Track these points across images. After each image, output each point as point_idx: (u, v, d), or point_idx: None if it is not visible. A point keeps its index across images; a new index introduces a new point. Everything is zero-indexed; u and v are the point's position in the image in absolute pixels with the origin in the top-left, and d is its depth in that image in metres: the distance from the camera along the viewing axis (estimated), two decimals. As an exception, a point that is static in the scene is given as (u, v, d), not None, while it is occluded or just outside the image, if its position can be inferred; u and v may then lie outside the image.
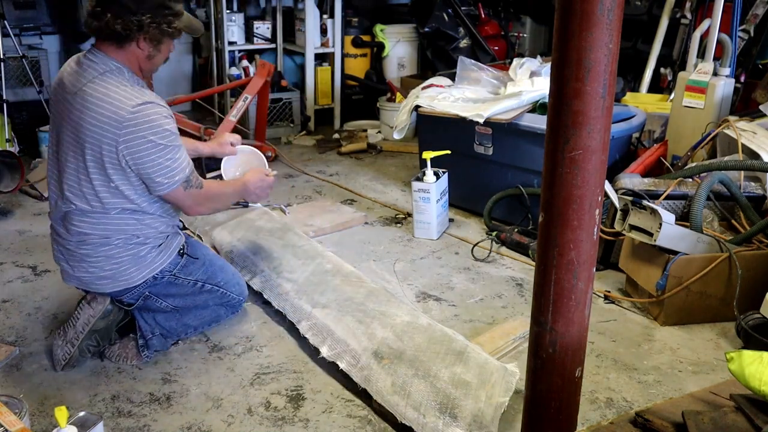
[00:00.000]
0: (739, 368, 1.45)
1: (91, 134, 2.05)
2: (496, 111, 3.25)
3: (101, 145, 2.05)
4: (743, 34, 3.83)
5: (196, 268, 2.37)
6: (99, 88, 2.06)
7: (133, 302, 2.29)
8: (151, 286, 2.27)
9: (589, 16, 1.32)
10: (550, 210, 1.48)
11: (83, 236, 2.18)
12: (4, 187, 3.60)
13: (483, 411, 1.93)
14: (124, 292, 2.26)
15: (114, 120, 2.02)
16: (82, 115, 2.05)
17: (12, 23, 4.44)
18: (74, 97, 2.08)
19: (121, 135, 2.03)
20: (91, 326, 2.26)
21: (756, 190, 2.88)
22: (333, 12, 5.24)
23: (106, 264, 2.19)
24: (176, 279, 2.31)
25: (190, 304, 2.39)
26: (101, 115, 2.03)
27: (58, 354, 2.25)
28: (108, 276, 2.21)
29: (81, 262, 2.21)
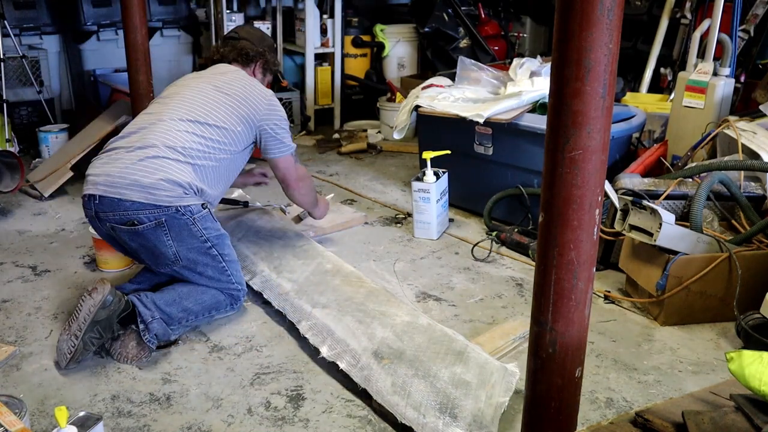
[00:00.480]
0: (739, 368, 1.45)
1: (248, 100, 2.63)
2: (496, 111, 3.25)
3: (251, 108, 2.63)
4: (743, 34, 3.83)
5: (212, 227, 2.47)
6: (251, 79, 2.76)
7: (145, 222, 2.35)
8: (170, 217, 2.36)
9: (589, 16, 1.33)
10: (550, 210, 1.49)
11: (163, 146, 2.42)
12: (4, 187, 3.60)
13: (483, 411, 1.93)
14: (145, 208, 2.34)
15: (262, 100, 2.67)
16: (242, 88, 2.65)
17: (12, 23, 4.44)
18: (233, 74, 2.72)
19: (264, 109, 2.66)
20: (92, 317, 2.23)
21: (756, 190, 2.88)
22: (333, 12, 5.24)
23: (150, 174, 2.36)
24: (193, 224, 2.41)
25: (191, 261, 2.44)
26: (257, 94, 2.67)
27: (63, 348, 2.24)
28: (142, 184, 2.35)
29: (129, 164, 2.38)
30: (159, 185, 2.35)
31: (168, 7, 5.12)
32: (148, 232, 2.36)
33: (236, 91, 2.63)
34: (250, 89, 2.66)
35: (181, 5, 5.19)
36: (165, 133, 2.46)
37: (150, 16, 4.85)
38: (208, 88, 2.63)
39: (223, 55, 2.83)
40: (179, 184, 2.39)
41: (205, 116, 2.53)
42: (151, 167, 2.38)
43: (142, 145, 2.43)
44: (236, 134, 2.58)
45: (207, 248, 2.46)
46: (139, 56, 3.60)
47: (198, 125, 2.51)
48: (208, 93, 2.60)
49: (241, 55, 2.82)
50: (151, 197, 2.34)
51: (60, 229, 3.45)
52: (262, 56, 2.86)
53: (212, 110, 2.56)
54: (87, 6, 4.82)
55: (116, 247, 2.61)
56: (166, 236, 2.38)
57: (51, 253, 3.17)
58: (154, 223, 2.35)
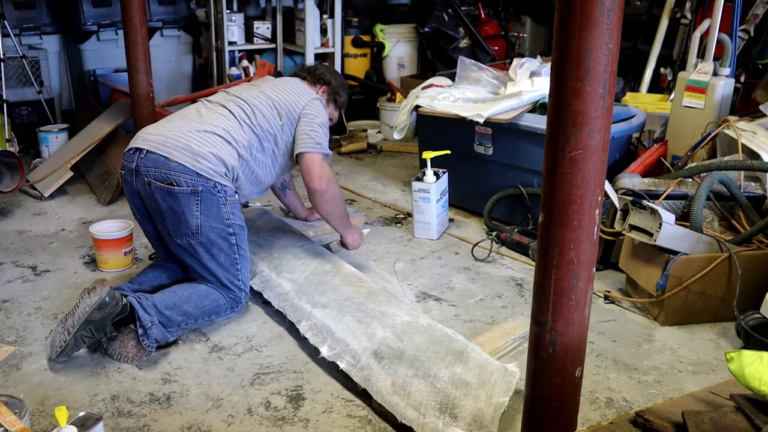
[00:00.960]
0: (739, 368, 1.45)
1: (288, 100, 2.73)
2: (496, 111, 3.25)
3: (292, 105, 2.72)
4: (743, 34, 3.83)
5: (238, 215, 2.54)
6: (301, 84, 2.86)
7: (183, 187, 2.41)
8: (206, 190, 2.43)
9: (589, 16, 1.33)
10: (550, 210, 1.49)
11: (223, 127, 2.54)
12: (4, 187, 3.60)
13: (483, 411, 1.93)
14: (185, 173, 2.41)
15: (304, 98, 2.76)
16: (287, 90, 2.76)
17: (12, 23, 4.44)
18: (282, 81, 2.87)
19: (304, 105, 2.73)
20: (87, 316, 2.24)
21: (756, 190, 2.88)
22: (333, 12, 5.24)
23: (201, 145, 2.46)
24: (224, 205, 2.48)
25: (208, 241, 2.47)
26: (298, 94, 2.77)
27: (56, 340, 2.27)
28: (192, 150, 2.44)
29: (185, 133, 2.49)
30: (208, 156, 2.45)
31: (168, 7, 5.12)
32: (182, 196, 2.41)
33: (285, 89, 2.76)
34: (298, 89, 2.78)
35: (181, 5, 5.19)
36: (222, 120, 2.58)
37: (150, 16, 4.85)
38: (264, 91, 2.74)
39: (296, 74, 2.99)
40: (225, 163, 2.49)
41: (257, 117, 2.64)
42: (205, 140, 2.49)
43: (200, 121, 2.56)
44: (280, 129, 2.67)
45: (228, 233, 2.50)
46: (139, 56, 3.61)
47: (254, 118, 2.63)
48: (262, 96, 2.71)
49: (313, 73, 2.94)
50: (197, 165, 2.42)
51: (60, 229, 3.45)
52: (330, 84, 2.95)
53: (263, 110, 2.66)
54: (87, 6, 4.82)
55: (137, 211, 2.60)
56: (196, 206, 2.43)
57: (51, 253, 3.17)
58: (190, 190, 2.41)
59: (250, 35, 5.31)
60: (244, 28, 5.27)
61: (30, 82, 4.55)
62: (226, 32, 5.12)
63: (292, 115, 2.71)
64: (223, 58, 5.19)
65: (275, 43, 5.38)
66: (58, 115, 4.82)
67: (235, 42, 5.21)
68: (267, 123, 2.65)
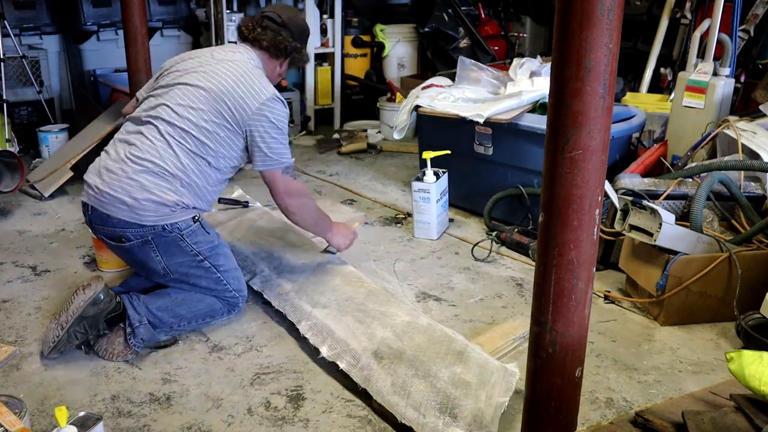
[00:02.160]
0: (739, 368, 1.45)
1: (233, 97, 2.39)
2: (496, 111, 3.25)
3: (238, 107, 2.39)
4: (743, 34, 3.83)
5: (203, 240, 2.42)
6: (254, 72, 2.47)
7: (132, 240, 2.33)
8: (156, 235, 2.33)
9: (589, 16, 1.33)
10: (550, 210, 1.49)
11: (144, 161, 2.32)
12: (4, 187, 3.60)
13: (483, 411, 1.93)
14: (130, 227, 2.32)
15: (256, 98, 2.40)
16: (232, 82, 2.41)
17: (12, 23, 4.44)
18: (229, 64, 2.46)
19: (255, 110, 2.40)
20: (81, 311, 2.25)
21: (756, 190, 2.88)
22: (333, 12, 5.24)
23: (133, 192, 2.30)
24: (182, 240, 2.37)
25: (182, 275, 2.41)
26: (249, 90, 2.41)
27: (49, 336, 2.28)
28: (126, 203, 2.30)
29: (115, 180, 2.32)
30: (144, 207, 2.30)
31: (168, 7, 5.12)
32: (135, 249, 2.36)
33: (229, 91, 2.39)
34: (246, 87, 2.40)
35: (181, 5, 5.19)
36: (154, 145, 2.35)
37: (150, 16, 4.84)
38: (199, 88, 2.40)
39: (255, 38, 2.55)
40: (164, 204, 2.32)
41: (191, 126, 2.37)
42: (137, 185, 2.31)
43: (132, 155, 2.35)
44: (221, 141, 2.40)
45: (199, 261, 2.42)
46: (139, 56, 3.61)
47: (187, 136, 2.37)
48: (197, 97, 2.39)
49: (277, 47, 2.56)
50: (137, 216, 2.31)
51: (60, 229, 3.45)
52: (296, 52, 2.61)
53: (201, 116, 2.38)
54: (87, 6, 4.82)
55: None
56: (153, 253, 2.36)
57: (51, 253, 3.17)
58: (140, 241, 2.34)
59: (250, 35, 5.30)
60: (244, 28, 5.26)
61: (30, 82, 4.55)
62: (226, 32, 5.12)
63: (241, 119, 2.39)
64: (223, 58, 5.18)
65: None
66: (58, 115, 4.82)
67: (235, 42, 5.20)
68: (206, 140, 2.38)
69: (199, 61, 2.50)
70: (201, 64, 2.48)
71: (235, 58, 2.50)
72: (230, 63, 2.46)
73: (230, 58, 2.49)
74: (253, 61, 2.52)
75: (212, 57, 2.50)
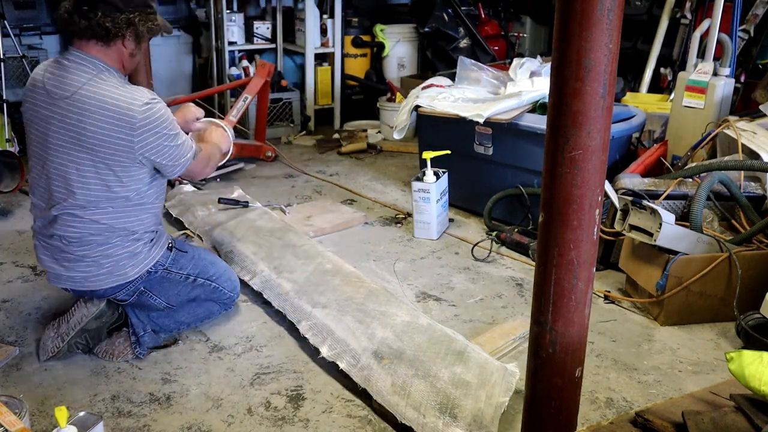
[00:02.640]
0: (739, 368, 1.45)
1: (99, 136, 2.08)
2: (496, 111, 3.25)
3: (111, 145, 2.08)
4: (743, 34, 3.83)
5: (186, 261, 2.39)
6: (99, 90, 2.08)
7: (127, 299, 2.31)
8: (146, 281, 2.29)
9: (589, 16, 1.32)
10: (550, 210, 1.48)
11: (82, 237, 2.18)
12: (4, 187, 3.60)
13: (483, 411, 1.93)
14: (119, 289, 2.27)
15: (126, 123, 2.07)
16: (83, 119, 2.07)
17: (12, 23, 4.44)
18: (68, 101, 2.09)
19: (136, 137, 2.09)
20: (83, 325, 2.29)
21: (756, 190, 2.88)
22: (333, 12, 5.24)
23: (104, 261, 2.21)
24: (169, 273, 2.34)
25: (183, 300, 2.40)
26: (110, 118, 2.07)
27: (48, 345, 2.28)
28: (104, 273, 2.22)
29: (77, 262, 2.22)
30: (122, 265, 2.21)
31: (168, 7, 5.12)
32: (134, 302, 2.34)
33: (92, 137, 2.07)
34: (107, 118, 2.05)
35: (181, 5, 5.19)
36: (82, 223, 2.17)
37: (150, 16, 4.84)
38: (60, 145, 2.10)
39: (75, 32, 2.11)
40: (134, 253, 2.23)
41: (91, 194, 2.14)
42: (98, 255, 2.19)
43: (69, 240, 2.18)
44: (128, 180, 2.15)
45: (192, 282, 2.41)
46: (139, 56, 3.60)
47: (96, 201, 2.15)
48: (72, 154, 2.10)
49: (99, 31, 2.08)
50: (120, 277, 2.23)
51: (60, 229, 3.44)
52: (129, 25, 2.13)
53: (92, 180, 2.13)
54: (87, 6, 4.82)
55: None
56: (151, 298, 2.33)
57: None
58: (136, 296, 2.31)
59: (250, 35, 5.31)
60: (244, 28, 5.27)
61: (30, 82, 4.55)
62: (226, 32, 5.12)
63: (131, 159, 2.11)
64: (223, 58, 5.19)
65: (275, 43, 5.38)
66: (58, 115, 4.82)
67: (235, 42, 5.21)
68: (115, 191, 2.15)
69: (43, 105, 2.14)
70: (47, 108, 2.13)
71: (69, 83, 2.09)
72: (74, 100, 2.08)
73: (66, 90, 2.09)
74: (90, 69, 2.10)
75: (48, 94, 2.12)
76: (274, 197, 3.86)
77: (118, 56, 2.18)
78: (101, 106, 2.06)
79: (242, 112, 4.24)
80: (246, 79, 4.67)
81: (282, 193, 3.96)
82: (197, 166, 2.34)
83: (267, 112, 4.58)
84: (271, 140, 4.74)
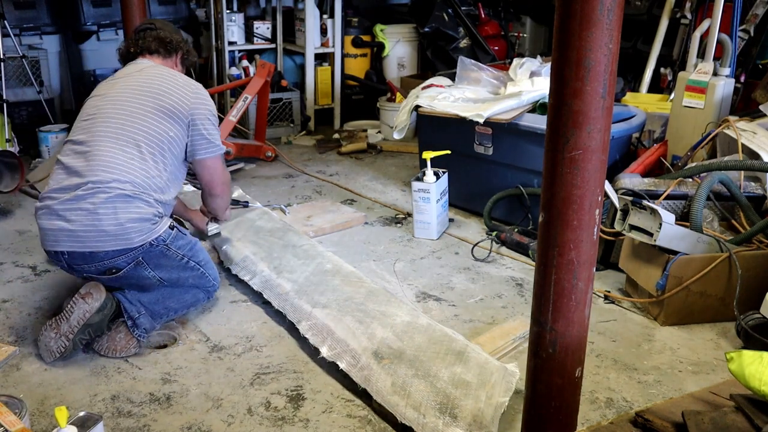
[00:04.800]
0: (739, 368, 1.45)
1: (167, 93, 2.44)
2: (496, 111, 3.25)
3: (175, 102, 2.43)
4: (743, 34, 3.83)
5: (184, 243, 2.45)
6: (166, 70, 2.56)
7: (123, 266, 2.31)
8: (146, 252, 2.32)
9: (589, 16, 1.33)
10: (550, 210, 1.49)
11: (109, 181, 2.27)
12: (4, 187, 3.60)
13: (483, 411, 1.93)
14: (120, 254, 2.28)
15: (189, 89, 2.50)
16: (159, 81, 2.47)
17: (12, 23, 4.44)
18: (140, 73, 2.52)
19: (191, 100, 2.47)
20: (86, 320, 2.28)
21: (756, 190, 2.88)
22: (333, 12, 5.24)
23: (114, 219, 2.25)
24: (168, 250, 2.38)
25: (174, 279, 2.44)
26: (178, 84, 2.49)
27: (53, 347, 2.27)
28: (111, 233, 2.25)
29: (88, 215, 2.24)
30: (129, 229, 2.26)
31: (168, 7, 5.12)
32: (128, 274, 2.34)
33: (158, 88, 2.45)
34: (172, 82, 2.48)
35: (181, 5, 5.19)
36: (107, 167, 2.29)
37: (150, 16, 4.84)
38: (128, 94, 2.44)
39: (142, 47, 2.60)
40: (144, 218, 2.29)
41: (135, 133, 2.36)
42: (110, 211, 2.25)
43: (90, 186, 2.27)
44: (171, 141, 2.41)
45: (185, 263, 2.45)
46: (139, 56, 3.60)
47: (134, 148, 2.34)
48: (131, 102, 2.41)
49: (163, 44, 2.61)
50: (124, 242, 2.26)
51: (60, 229, 3.44)
52: (182, 46, 2.69)
53: (141, 122, 2.38)
54: (87, 6, 4.82)
55: None
56: (146, 270, 2.36)
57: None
58: (133, 264, 2.32)
59: (250, 35, 5.31)
60: (244, 28, 5.27)
61: (30, 82, 4.55)
62: (226, 32, 5.12)
63: (181, 117, 2.43)
64: (223, 58, 5.19)
65: (275, 43, 5.38)
66: (58, 115, 4.82)
67: (235, 42, 5.21)
68: (156, 139, 2.38)
69: (113, 82, 2.55)
70: (117, 81, 2.54)
71: (145, 66, 2.56)
72: (152, 69, 2.54)
73: (146, 66, 2.56)
74: (168, 73, 2.54)
75: (131, 70, 2.56)
76: (274, 197, 3.86)
77: (172, 65, 2.67)
78: (171, 75, 2.52)
79: (242, 112, 4.24)
80: (246, 79, 4.67)
81: (282, 193, 3.97)
82: (220, 171, 2.61)
83: (267, 112, 4.59)
84: (271, 140, 4.74)
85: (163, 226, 2.36)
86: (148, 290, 2.41)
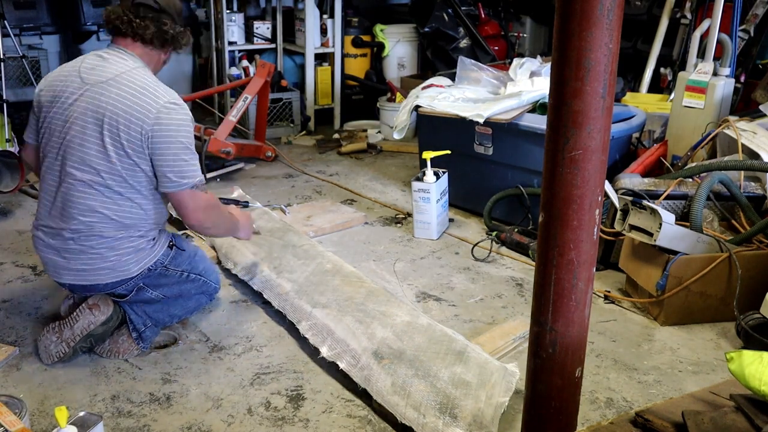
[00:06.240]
0: (739, 368, 1.45)
1: (126, 118, 2.14)
2: (496, 111, 3.25)
3: (131, 129, 2.14)
4: (743, 34, 3.83)
5: (183, 259, 2.43)
6: (136, 79, 2.20)
7: (126, 294, 2.32)
8: (145, 278, 2.32)
9: (589, 16, 1.32)
10: (550, 210, 1.48)
11: (91, 226, 2.20)
12: (4, 187, 3.59)
13: (483, 411, 1.93)
14: (120, 284, 2.28)
15: (149, 110, 2.15)
16: (116, 102, 2.16)
17: (12, 23, 4.44)
18: (103, 85, 2.19)
19: (152, 125, 2.14)
20: (90, 331, 2.30)
21: (756, 190, 2.88)
22: (333, 12, 5.24)
23: (109, 254, 2.23)
24: (167, 270, 2.37)
25: (176, 294, 2.43)
26: (136, 104, 2.15)
27: (52, 351, 2.28)
28: (108, 267, 2.24)
29: (81, 254, 2.23)
30: (125, 261, 2.24)
31: (168, 7, 5.11)
32: (132, 298, 2.35)
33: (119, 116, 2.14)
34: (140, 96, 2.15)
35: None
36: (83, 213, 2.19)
37: (150, 16, 4.85)
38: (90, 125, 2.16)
39: (136, 31, 2.26)
40: (139, 249, 2.26)
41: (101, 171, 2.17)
42: (103, 249, 2.21)
43: (73, 231, 2.20)
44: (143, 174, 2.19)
45: (186, 278, 2.44)
46: (139, 56, 3.60)
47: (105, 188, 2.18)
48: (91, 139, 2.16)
49: (160, 38, 2.31)
50: (122, 273, 2.26)
51: (60, 229, 3.44)
52: (180, 37, 2.37)
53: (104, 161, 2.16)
54: (87, 6, 4.83)
55: None
56: (148, 292, 2.36)
57: (51, 253, 3.17)
58: (136, 289, 2.32)
59: (250, 35, 5.31)
60: (244, 28, 5.27)
61: (30, 82, 4.55)
62: (226, 32, 5.13)
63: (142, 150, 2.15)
64: (223, 58, 5.20)
65: (275, 43, 5.39)
66: (58, 115, 4.82)
67: (235, 42, 5.21)
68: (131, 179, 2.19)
69: (73, 90, 2.22)
70: (76, 92, 2.21)
71: (115, 74, 2.20)
72: (111, 83, 2.18)
73: (105, 80, 2.19)
74: (131, 63, 2.25)
75: (83, 81, 2.21)
76: (274, 197, 3.86)
77: (157, 59, 2.37)
78: (135, 90, 2.17)
79: (242, 112, 4.24)
80: (246, 79, 4.67)
81: (282, 193, 3.97)
82: (189, 201, 2.23)
83: (267, 112, 4.59)
84: (271, 140, 4.74)
85: (160, 248, 2.33)
86: (152, 303, 2.41)
